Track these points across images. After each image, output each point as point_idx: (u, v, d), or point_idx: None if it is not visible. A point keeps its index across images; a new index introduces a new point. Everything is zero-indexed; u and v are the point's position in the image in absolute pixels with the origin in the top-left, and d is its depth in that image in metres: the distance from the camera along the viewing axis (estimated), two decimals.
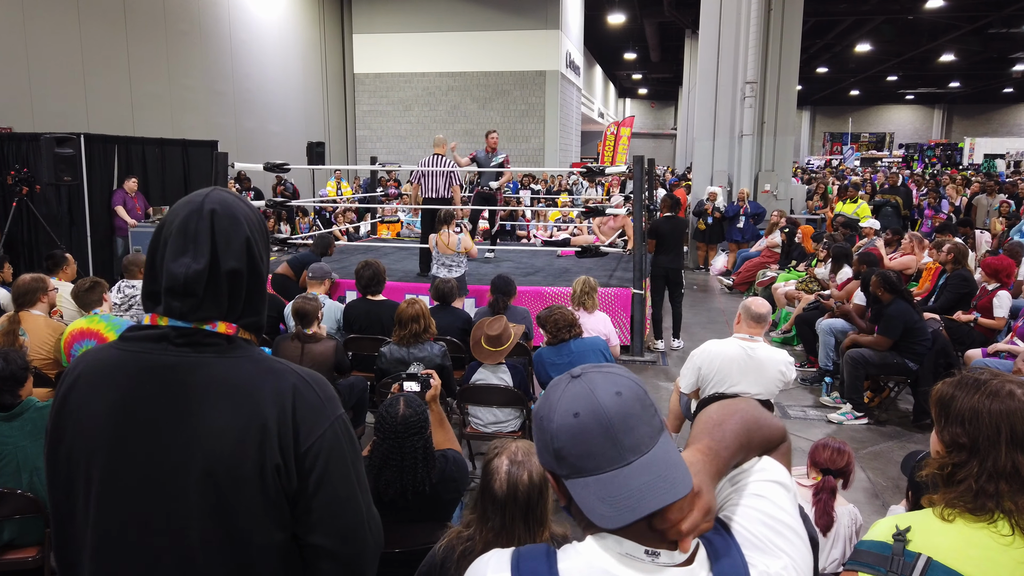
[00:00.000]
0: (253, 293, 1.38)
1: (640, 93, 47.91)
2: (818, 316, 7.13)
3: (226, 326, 1.33)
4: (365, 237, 13.00)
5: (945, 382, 1.65)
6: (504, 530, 1.99)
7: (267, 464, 1.28)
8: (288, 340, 4.67)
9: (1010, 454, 1.50)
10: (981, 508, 1.49)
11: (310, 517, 1.33)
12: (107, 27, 12.29)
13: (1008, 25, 24.14)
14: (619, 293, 7.60)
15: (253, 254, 1.36)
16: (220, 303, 1.32)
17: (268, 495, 1.29)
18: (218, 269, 1.31)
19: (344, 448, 1.36)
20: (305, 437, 1.31)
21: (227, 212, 1.34)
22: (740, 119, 13.00)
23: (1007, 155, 32.72)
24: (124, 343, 1.35)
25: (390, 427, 2.62)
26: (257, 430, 1.28)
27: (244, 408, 1.29)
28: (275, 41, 17.85)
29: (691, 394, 4.30)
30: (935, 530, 1.52)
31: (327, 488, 1.33)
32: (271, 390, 1.31)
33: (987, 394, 1.55)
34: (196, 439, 1.27)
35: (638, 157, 7.84)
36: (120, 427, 1.29)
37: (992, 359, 5.61)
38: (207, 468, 1.27)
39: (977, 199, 13.07)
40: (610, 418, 1.02)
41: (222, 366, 1.31)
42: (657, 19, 24.81)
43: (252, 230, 1.37)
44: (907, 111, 47.32)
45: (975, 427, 1.53)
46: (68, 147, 9.11)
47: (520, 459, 2.05)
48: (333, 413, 1.36)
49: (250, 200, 1.45)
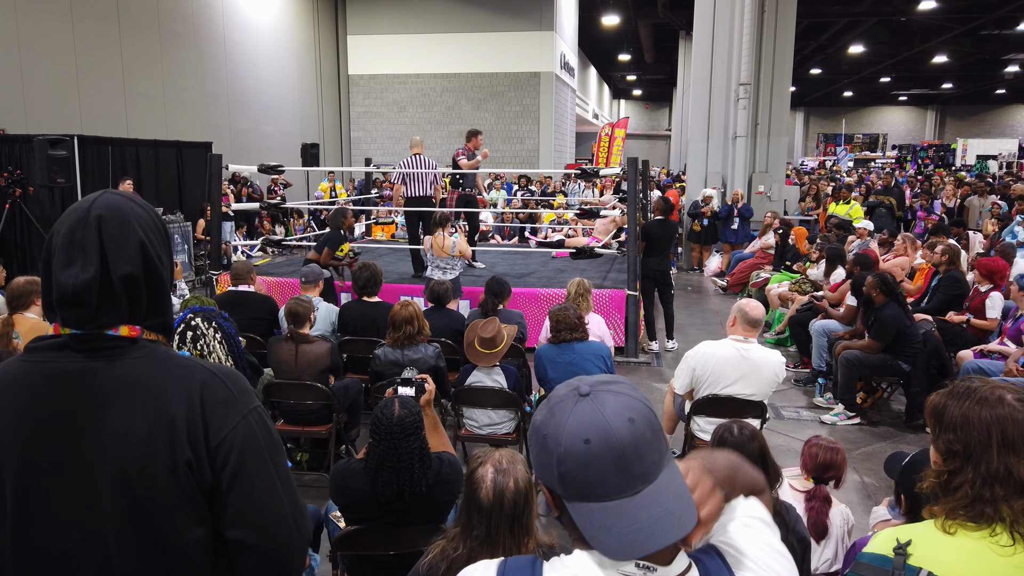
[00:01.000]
0: (154, 295, 1.36)
1: (634, 94, 47.97)
2: (811, 317, 7.15)
3: (128, 329, 1.32)
4: (360, 238, 12.99)
5: (938, 392, 1.67)
6: (489, 539, 1.98)
7: (178, 460, 1.27)
8: (282, 341, 4.67)
9: (1002, 458, 1.51)
10: (979, 515, 1.49)
11: (227, 511, 1.32)
12: (100, 28, 12.26)
13: (1000, 27, 24.24)
14: (613, 294, 7.61)
15: (149, 256, 1.34)
16: (118, 309, 1.30)
17: (183, 491, 1.28)
18: (110, 277, 1.29)
19: (260, 440, 1.35)
20: (216, 431, 1.30)
21: (116, 216, 1.31)
22: (734, 120, 13.03)
23: (999, 156, 32.87)
24: (28, 354, 1.34)
25: (386, 428, 2.62)
26: (165, 427, 1.27)
27: (150, 406, 1.28)
28: (269, 42, 17.83)
29: (685, 395, 4.31)
30: (936, 543, 1.51)
31: (243, 481, 1.32)
32: (178, 386, 1.30)
33: (977, 401, 1.57)
34: (104, 443, 1.26)
35: (632, 159, 7.87)
36: (28, 438, 1.28)
37: (984, 360, 5.64)
38: (118, 470, 1.26)
39: (969, 200, 13.13)
40: (623, 447, 0.99)
41: (126, 367, 1.30)
42: (651, 20, 24.84)
43: (146, 231, 1.34)
44: (900, 112, 47.48)
45: (967, 433, 1.55)
46: (61, 149, 9.10)
47: (505, 467, 2.04)
48: (246, 406, 1.35)
49: (144, 201, 1.41)
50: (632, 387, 1.07)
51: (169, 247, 1.45)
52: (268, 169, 8.67)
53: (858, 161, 38.28)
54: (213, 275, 8.07)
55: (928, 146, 39.08)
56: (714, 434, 2.51)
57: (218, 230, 8.32)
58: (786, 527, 2.34)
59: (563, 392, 1.07)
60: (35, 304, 4.65)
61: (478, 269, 8.93)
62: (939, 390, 1.68)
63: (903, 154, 38.55)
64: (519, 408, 4.52)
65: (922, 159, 37.03)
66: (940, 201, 14.23)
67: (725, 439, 2.44)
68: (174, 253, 10.29)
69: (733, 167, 13.19)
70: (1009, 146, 34.48)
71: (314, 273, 5.73)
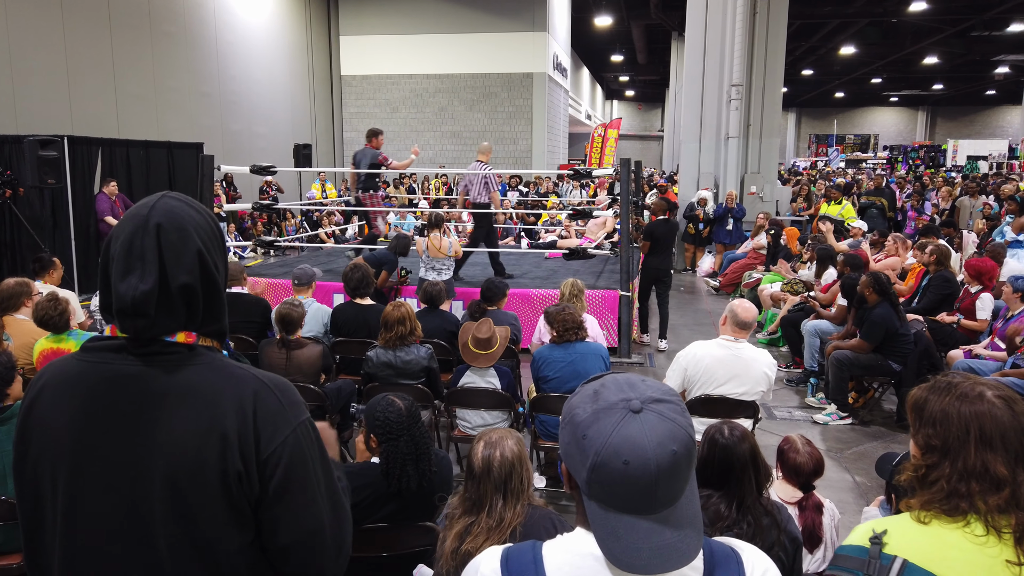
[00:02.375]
0: (211, 303, 1.37)
1: (627, 95, 48.06)
2: (804, 317, 7.18)
3: (185, 335, 1.33)
4: (352, 239, 12.97)
5: (919, 387, 1.69)
6: (480, 500, 2.26)
7: (229, 471, 1.28)
8: (273, 347, 4.66)
9: (980, 454, 1.53)
10: (955, 509, 1.51)
11: (272, 522, 1.34)
12: (91, 28, 12.21)
13: (990, 28, 24.40)
14: (606, 295, 7.62)
15: (206, 265, 1.34)
16: (176, 317, 1.32)
17: (231, 501, 1.29)
18: (168, 286, 1.29)
19: (306, 454, 1.36)
20: (267, 443, 1.31)
21: (175, 225, 1.31)
22: (726, 121, 13.07)
23: (989, 156, 33.06)
24: (85, 354, 1.35)
25: (400, 424, 2.69)
26: (218, 438, 1.28)
27: (205, 415, 1.28)
28: (261, 43, 17.78)
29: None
30: (911, 533, 1.54)
31: (287, 494, 1.33)
32: (232, 396, 1.31)
33: (957, 396, 1.59)
34: (158, 446, 1.27)
35: (624, 159, 7.88)
36: (83, 437, 1.30)
37: (974, 360, 5.67)
38: (169, 474, 1.27)
39: (960, 201, 13.20)
40: (659, 477, 1.00)
41: (182, 374, 1.31)
42: (644, 21, 24.91)
43: (204, 239, 1.35)
44: (891, 113, 47.71)
45: (946, 428, 1.57)
46: (52, 149, 9.05)
47: (493, 440, 2.32)
48: (296, 418, 1.35)
49: (200, 205, 1.41)
50: (682, 410, 1.07)
51: (224, 252, 1.45)
52: (260, 170, 8.64)
53: (850, 162, 38.44)
54: None
55: (919, 147, 39.28)
56: (704, 435, 2.52)
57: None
58: (778, 527, 2.35)
59: (613, 398, 1.06)
60: (25, 306, 4.63)
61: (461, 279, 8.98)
62: (921, 384, 1.71)
63: (894, 155, 38.74)
64: (512, 409, 4.52)
65: (913, 160, 37.21)
66: (931, 202, 14.30)
67: (716, 440, 2.44)
68: None
69: (725, 168, 13.22)
70: (999, 147, 34.68)
71: (306, 275, 5.71)
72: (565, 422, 1.11)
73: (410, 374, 4.53)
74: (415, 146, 9.72)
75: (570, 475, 1.10)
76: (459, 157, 21.48)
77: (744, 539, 2.25)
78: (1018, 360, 5.20)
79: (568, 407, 1.11)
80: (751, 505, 2.36)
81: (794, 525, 2.43)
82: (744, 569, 1.14)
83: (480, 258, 10.04)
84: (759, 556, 1.18)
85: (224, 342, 1.44)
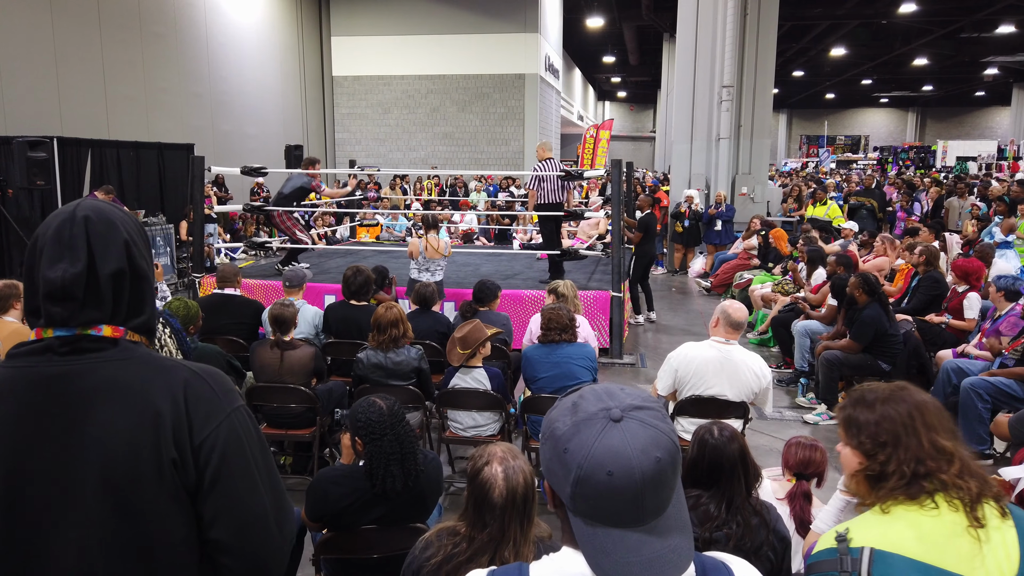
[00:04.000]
0: (137, 294, 1.38)
1: (619, 96, 48.14)
2: (794, 318, 7.21)
3: (112, 329, 1.34)
4: (344, 240, 12.96)
5: (841, 408, 1.83)
6: (502, 534, 2.00)
7: (163, 458, 1.28)
8: (266, 347, 4.65)
9: (928, 436, 1.65)
10: (919, 490, 1.61)
11: (208, 511, 1.33)
12: (80, 28, 12.14)
13: (979, 29, 24.55)
14: (598, 296, 7.63)
15: (133, 255, 1.37)
16: (102, 305, 1.33)
17: (168, 491, 1.29)
18: (96, 272, 1.31)
19: (243, 440, 1.36)
20: (199, 429, 1.31)
21: (101, 217, 1.35)
22: (717, 122, 13.11)
23: (979, 157, 33.25)
24: (10, 360, 1.35)
25: (382, 423, 2.66)
26: (150, 427, 1.28)
27: (134, 407, 1.29)
28: (252, 43, 17.73)
29: (668, 396, 4.34)
30: (873, 523, 1.63)
31: (224, 481, 1.33)
32: (161, 386, 1.31)
33: (885, 400, 1.73)
34: (89, 444, 1.27)
35: (616, 160, 7.89)
36: (13, 443, 1.29)
37: (963, 360, 5.71)
38: (103, 471, 1.27)
39: (948, 201, 13.27)
40: (644, 486, 0.98)
41: (109, 369, 1.31)
42: (635, 23, 24.97)
43: (130, 232, 1.38)
44: (881, 114, 47.96)
45: (891, 423, 1.69)
46: (41, 151, 9.00)
47: (512, 463, 2.07)
48: (230, 405, 1.36)
49: (122, 206, 1.47)
50: (663, 416, 1.06)
51: (150, 251, 1.47)
52: (251, 171, 8.61)
53: (840, 162, 38.61)
54: (196, 278, 8.01)
55: (909, 148, 39.48)
56: (694, 435, 2.53)
57: (201, 232, 8.26)
58: (767, 526, 2.36)
59: (593, 408, 1.04)
60: (14, 308, 4.60)
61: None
62: (839, 406, 1.85)
63: (884, 155, 38.92)
64: (503, 410, 4.52)
65: (903, 160, 37.41)
66: (920, 203, 14.38)
67: (705, 440, 2.45)
68: (156, 256, 10.23)
69: (716, 169, 13.27)
70: (988, 147, 34.87)
71: (297, 276, 5.71)
72: (545, 437, 1.08)
73: (401, 375, 4.53)
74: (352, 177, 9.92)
75: (554, 492, 1.07)
76: (451, 158, 21.47)
77: (734, 539, 2.29)
78: (1006, 359, 5.23)
79: (547, 421, 1.09)
80: (740, 505, 2.37)
81: (783, 524, 2.44)
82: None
83: (472, 258, 10.04)
84: (750, 569, 1.18)
85: (151, 338, 1.44)
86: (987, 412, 5.01)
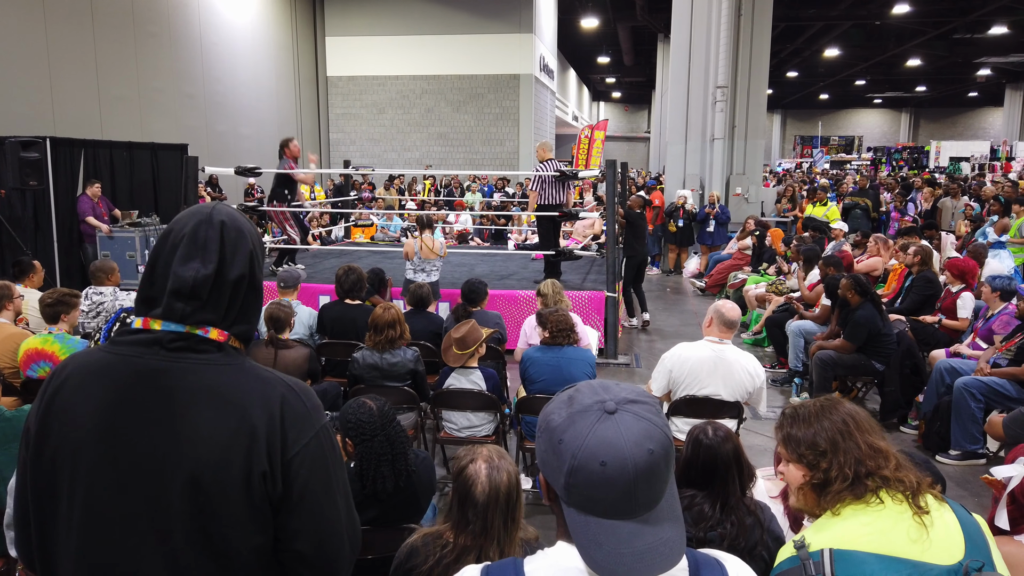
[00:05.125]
0: (249, 302, 1.44)
1: (614, 96, 48.19)
2: (788, 318, 7.23)
3: (218, 332, 1.37)
4: (339, 241, 12.94)
5: (778, 427, 1.92)
6: (485, 532, 2.03)
7: (254, 470, 1.30)
8: (261, 346, 4.64)
9: (863, 438, 1.77)
10: (864, 490, 1.71)
11: (292, 524, 1.36)
12: (74, 28, 12.10)
13: (972, 30, 24.65)
14: (593, 296, 7.64)
15: (255, 265, 1.44)
16: (219, 308, 1.37)
17: (253, 501, 1.31)
18: (223, 276, 1.37)
19: (327, 456, 1.40)
20: (292, 444, 1.34)
21: (235, 224, 1.41)
22: (711, 123, 13.14)
23: (972, 158, 33.38)
24: (114, 346, 1.37)
25: (372, 424, 2.66)
26: (245, 437, 1.30)
27: (232, 415, 1.31)
28: (246, 44, 17.69)
29: (663, 397, 4.34)
30: (825, 527, 1.71)
31: (310, 496, 1.36)
32: (259, 398, 1.34)
33: (816, 412, 1.84)
34: (183, 444, 1.29)
35: (611, 161, 7.90)
36: (107, 430, 1.31)
37: (956, 359, 5.73)
38: (193, 473, 1.29)
39: (942, 202, 13.32)
40: (637, 477, 0.99)
41: (211, 372, 1.34)
42: (630, 23, 25.00)
43: (255, 243, 1.45)
44: (875, 115, 48.12)
45: (827, 431, 1.79)
46: (34, 151, 8.97)
47: (496, 463, 2.10)
48: (319, 422, 1.40)
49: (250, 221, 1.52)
50: (657, 410, 1.07)
51: (264, 262, 1.54)
52: (245, 171, 8.59)
53: (834, 163, 38.72)
54: None
55: (902, 148, 39.61)
56: (688, 435, 2.53)
57: None
58: (761, 526, 2.37)
59: (588, 401, 1.06)
60: (6, 309, 4.59)
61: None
62: (776, 426, 1.94)
63: (878, 156, 39.04)
64: (498, 410, 4.52)
65: (896, 161, 37.53)
66: (914, 203, 14.42)
67: (700, 440, 2.46)
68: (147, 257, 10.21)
69: (711, 169, 13.29)
70: (981, 148, 35.01)
71: (291, 276, 5.70)
72: (541, 430, 1.10)
73: (396, 376, 4.52)
74: (312, 154, 10.05)
75: (548, 486, 1.08)
76: (446, 158, 21.46)
77: (728, 538, 2.29)
78: (998, 359, 5.25)
79: (543, 414, 1.11)
80: (735, 505, 2.38)
81: (777, 524, 2.45)
82: (728, 574, 1.14)
83: (466, 259, 10.04)
84: (743, 566, 1.19)
85: (247, 347, 1.48)
86: (980, 412, 5.03)
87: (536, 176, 8.08)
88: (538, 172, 8.05)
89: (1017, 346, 5.14)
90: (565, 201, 8.26)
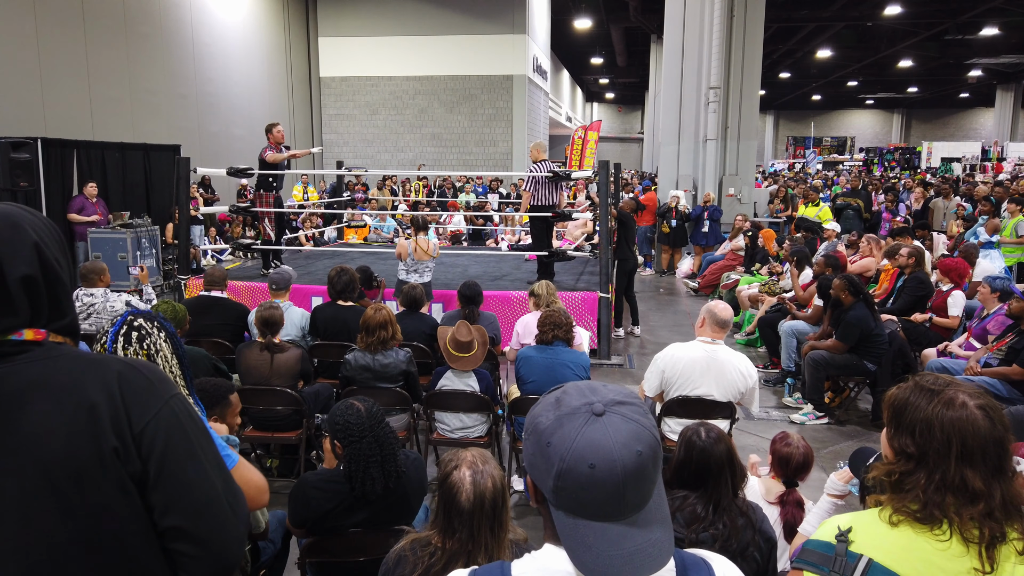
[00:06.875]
0: (55, 297, 1.35)
1: (607, 97, 48.25)
2: (781, 318, 7.24)
3: (34, 332, 1.30)
4: (332, 242, 12.91)
5: (900, 387, 1.65)
6: (472, 539, 2.00)
7: (104, 448, 1.25)
8: (254, 349, 4.62)
9: (959, 468, 1.50)
10: (929, 518, 1.51)
11: (160, 499, 1.30)
12: (65, 29, 12.03)
13: (964, 32, 24.78)
14: (586, 297, 7.64)
15: (46, 258, 1.33)
16: (17, 311, 1.29)
17: (113, 483, 1.27)
18: (6, 279, 1.27)
19: (185, 426, 1.34)
20: (138, 417, 1.29)
21: (6, 221, 1.31)
22: (704, 124, 13.16)
23: (963, 158, 33.55)
24: None
25: (360, 426, 2.64)
26: (85, 417, 1.25)
27: (67, 401, 1.26)
28: (239, 44, 17.64)
29: (655, 397, 4.34)
30: (878, 532, 1.54)
31: (172, 467, 1.30)
32: (94, 379, 1.29)
33: (942, 403, 1.55)
34: (24, 445, 1.24)
35: (604, 161, 7.90)
36: None
37: (947, 359, 5.75)
38: (43, 471, 1.23)
39: (934, 202, 13.37)
40: (625, 479, 0.99)
41: (35, 369, 1.28)
42: (623, 24, 25.04)
43: (40, 234, 1.33)
44: (867, 115, 48.33)
45: (926, 439, 1.54)
46: (24, 152, 8.93)
47: (481, 468, 2.06)
48: (167, 392, 1.34)
49: (32, 208, 1.41)
50: (644, 411, 1.06)
51: (66, 251, 1.43)
52: (237, 172, 8.56)
53: (826, 164, 38.85)
54: (181, 280, 7.95)
55: (894, 149, 39.78)
56: (681, 436, 2.53)
57: (186, 234, 8.20)
58: (752, 527, 2.37)
59: (576, 403, 1.05)
60: None
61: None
62: (901, 383, 1.66)
63: (870, 156, 39.20)
64: (491, 412, 4.51)
65: (888, 161, 37.69)
66: (905, 204, 14.47)
67: (692, 441, 2.46)
68: (141, 258, 10.15)
69: (704, 170, 13.31)
70: (973, 149, 35.20)
71: (283, 278, 5.68)
72: (529, 432, 1.09)
73: (388, 377, 4.51)
74: (315, 149, 9.80)
75: (536, 488, 1.07)
76: (439, 159, 21.44)
77: (720, 539, 2.29)
78: (989, 359, 5.27)
79: (531, 416, 1.10)
80: (727, 506, 2.38)
81: (768, 525, 2.45)
82: (715, 573, 1.14)
83: (460, 260, 10.03)
84: (730, 566, 1.18)
85: (76, 339, 1.40)
86: None
87: (530, 177, 8.07)
88: (532, 173, 8.05)
89: (1008, 346, 5.16)
90: (558, 202, 8.26)
